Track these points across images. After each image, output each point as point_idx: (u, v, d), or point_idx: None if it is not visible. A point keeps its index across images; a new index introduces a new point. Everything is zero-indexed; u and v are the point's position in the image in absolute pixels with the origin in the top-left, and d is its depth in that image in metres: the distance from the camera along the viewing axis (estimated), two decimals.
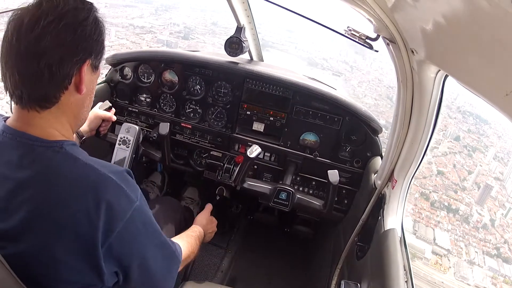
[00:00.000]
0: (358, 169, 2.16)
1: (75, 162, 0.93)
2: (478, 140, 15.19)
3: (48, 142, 0.93)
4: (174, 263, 1.22)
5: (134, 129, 2.05)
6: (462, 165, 14.53)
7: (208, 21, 18.37)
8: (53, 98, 0.92)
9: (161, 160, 2.24)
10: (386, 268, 1.39)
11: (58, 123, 0.96)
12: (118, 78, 2.41)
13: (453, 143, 14.98)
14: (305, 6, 1.51)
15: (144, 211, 1.02)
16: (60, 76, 0.90)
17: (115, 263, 0.98)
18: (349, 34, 1.39)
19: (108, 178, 0.93)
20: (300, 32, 18.83)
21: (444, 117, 14.47)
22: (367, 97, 16.12)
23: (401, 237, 1.56)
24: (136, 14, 16.80)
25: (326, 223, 2.63)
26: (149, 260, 1.07)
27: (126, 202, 0.95)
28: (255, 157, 1.83)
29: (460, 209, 13.17)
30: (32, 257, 0.90)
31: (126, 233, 0.95)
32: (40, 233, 0.89)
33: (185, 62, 2.28)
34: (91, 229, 0.90)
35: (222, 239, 2.86)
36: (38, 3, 0.88)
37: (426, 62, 1.18)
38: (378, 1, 1.12)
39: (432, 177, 13.75)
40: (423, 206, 12.86)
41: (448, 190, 13.57)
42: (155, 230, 1.09)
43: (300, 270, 2.73)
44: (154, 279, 1.12)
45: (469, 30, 0.73)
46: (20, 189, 0.89)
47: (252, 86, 2.21)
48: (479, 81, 0.79)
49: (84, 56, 0.93)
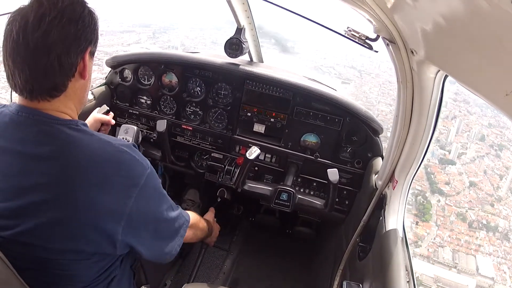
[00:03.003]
0: (359, 169, 2.16)
1: (91, 137, 1.02)
2: (501, 135, 13.88)
3: (64, 121, 1.01)
4: (183, 224, 1.29)
5: (133, 129, 2.05)
6: (493, 169, 13.22)
7: (208, 40, 17.93)
8: (62, 87, 1.00)
9: (162, 158, 2.24)
10: (388, 269, 1.39)
11: (67, 108, 1.04)
12: (118, 81, 2.41)
13: (479, 145, 13.75)
14: (304, 7, 1.51)
15: (155, 177, 1.11)
16: (68, 65, 0.98)
17: (132, 234, 1.05)
18: (349, 34, 1.39)
19: (123, 150, 1.03)
20: (303, 40, 18.38)
21: (464, 114, 13.56)
22: (381, 104, 15.03)
23: (402, 237, 1.55)
24: (133, 40, 16.13)
25: (328, 224, 2.63)
26: (159, 225, 1.16)
27: (140, 169, 1.05)
28: (254, 159, 1.83)
29: (499, 225, 11.78)
30: (45, 232, 0.94)
31: (141, 199, 1.04)
32: (59, 205, 0.94)
33: (185, 64, 2.28)
34: (110, 199, 0.97)
35: (224, 241, 2.86)
36: (39, 2, 0.93)
37: (426, 62, 1.18)
38: (378, 1, 1.12)
39: (465, 191, 12.41)
40: (460, 229, 11.45)
41: (484, 204, 12.24)
42: (163, 195, 1.18)
43: (302, 271, 2.73)
44: (164, 243, 1.21)
45: (468, 30, 0.73)
46: (38, 164, 0.95)
47: (252, 88, 2.21)
48: (479, 81, 0.79)
49: (86, 45, 1.02)
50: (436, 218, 10.95)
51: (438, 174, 11.89)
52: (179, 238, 1.26)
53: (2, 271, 0.86)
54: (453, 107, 13.24)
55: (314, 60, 19.59)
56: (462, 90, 1.32)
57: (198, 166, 2.51)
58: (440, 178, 11.81)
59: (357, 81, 17.57)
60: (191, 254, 2.65)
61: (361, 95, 15.87)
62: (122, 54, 2.40)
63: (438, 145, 12.51)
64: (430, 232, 10.56)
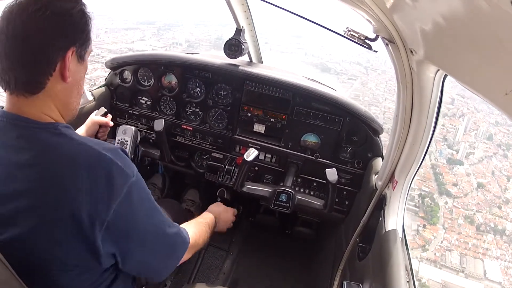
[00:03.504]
0: (359, 170, 2.16)
1: (70, 141, 0.96)
2: (508, 133, 13.47)
3: (42, 124, 0.96)
4: (180, 244, 1.20)
5: (131, 130, 2.06)
6: (500, 170, 12.80)
7: (212, 36, 17.41)
8: (38, 84, 0.95)
9: (161, 157, 2.24)
10: (388, 269, 1.39)
11: (47, 108, 0.98)
12: (118, 82, 2.42)
13: (487, 144, 13.28)
14: (303, 7, 1.51)
15: (141, 187, 1.03)
16: (43, 61, 0.93)
17: (113, 243, 0.98)
18: (348, 35, 1.39)
19: (103, 155, 0.95)
20: (308, 37, 17.95)
21: (472, 111, 13.14)
22: (387, 101, 14.46)
23: (402, 238, 1.55)
24: (137, 37, 15.85)
25: (328, 224, 2.63)
26: (147, 239, 1.06)
27: (122, 178, 0.96)
28: (252, 160, 1.82)
29: (507, 228, 11.48)
30: (29, 241, 0.91)
31: (123, 210, 0.96)
32: (38, 214, 0.91)
33: (184, 65, 2.28)
34: (89, 207, 0.91)
35: (223, 241, 2.86)
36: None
37: (425, 62, 1.18)
38: (377, 1, 1.12)
39: (473, 192, 12.04)
40: (468, 232, 11.14)
41: (492, 207, 11.89)
42: (154, 208, 1.08)
43: (302, 271, 2.73)
44: (155, 260, 1.12)
45: (468, 30, 0.73)
46: (19, 170, 0.92)
47: (252, 88, 2.21)
48: (478, 81, 0.79)
49: (67, 43, 0.96)
50: (443, 221, 10.75)
51: (446, 174, 11.66)
52: (174, 259, 1.18)
53: (2, 272, 0.86)
54: (461, 104, 12.96)
55: (319, 56, 19.30)
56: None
57: (198, 166, 2.51)
58: (448, 179, 11.58)
59: (363, 78, 17.21)
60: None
61: (368, 92, 15.61)
62: (122, 56, 2.40)
63: (446, 144, 12.26)
64: (437, 236, 10.38)
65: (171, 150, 2.35)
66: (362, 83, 16.71)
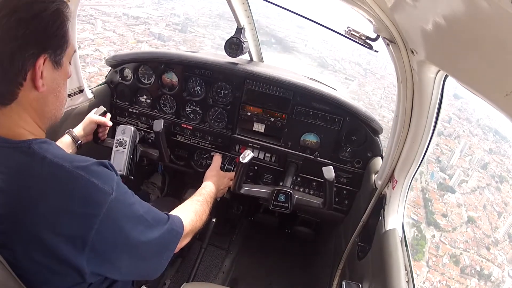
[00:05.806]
0: (358, 169, 2.16)
1: (42, 161, 0.90)
2: (501, 164, 12.83)
3: (15, 143, 0.91)
4: (172, 239, 1.17)
5: (130, 129, 2.05)
6: (492, 205, 12.09)
7: (214, 12, 16.41)
8: (8, 95, 0.90)
9: (159, 158, 2.24)
10: (387, 268, 1.39)
11: (22, 121, 0.94)
12: (118, 80, 2.41)
13: (480, 173, 12.62)
14: (305, 6, 1.51)
15: (122, 201, 0.98)
16: (12, 71, 0.87)
17: (100, 263, 0.95)
18: (349, 34, 1.39)
19: (76, 174, 0.90)
20: (311, 29, 17.42)
21: (467, 134, 12.72)
22: (383, 108, 14.13)
23: (402, 237, 1.56)
24: (136, 3, 15.21)
25: (327, 223, 2.63)
26: (137, 250, 1.03)
27: (100, 196, 0.91)
28: (247, 163, 1.81)
29: (493, 274, 10.61)
30: (12, 265, 0.87)
31: (106, 229, 0.92)
32: (15, 239, 0.87)
33: (185, 63, 2.28)
34: (68, 230, 0.88)
35: (223, 240, 2.87)
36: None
37: (426, 62, 1.18)
38: (378, 1, 1.12)
39: (462, 227, 11.40)
40: (452, 274, 10.35)
41: (480, 247, 11.08)
42: (138, 216, 1.03)
43: (302, 270, 2.73)
44: (147, 264, 1.10)
45: (469, 30, 0.73)
46: None
47: (252, 87, 2.21)
48: (479, 81, 0.79)
49: (37, 51, 0.89)
50: (428, 257, 10.14)
51: (436, 201, 11.12)
52: (167, 254, 1.15)
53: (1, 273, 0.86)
54: (457, 125, 12.59)
55: (319, 50, 18.88)
56: (466, 108, 1.29)
57: (197, 165, 2.51)
58: (438, 208, 11.04)
59: (361, 80, 16.91)
60: (191, 254, 2.65)
61: (363, 96, 15.23)
62: (122, 53, 2.40)
63: (439, 166, 11.77)
64: (420, 274, 9.72)
65: (170, 149, 2.35)
66: (359, 85, 16.39)
